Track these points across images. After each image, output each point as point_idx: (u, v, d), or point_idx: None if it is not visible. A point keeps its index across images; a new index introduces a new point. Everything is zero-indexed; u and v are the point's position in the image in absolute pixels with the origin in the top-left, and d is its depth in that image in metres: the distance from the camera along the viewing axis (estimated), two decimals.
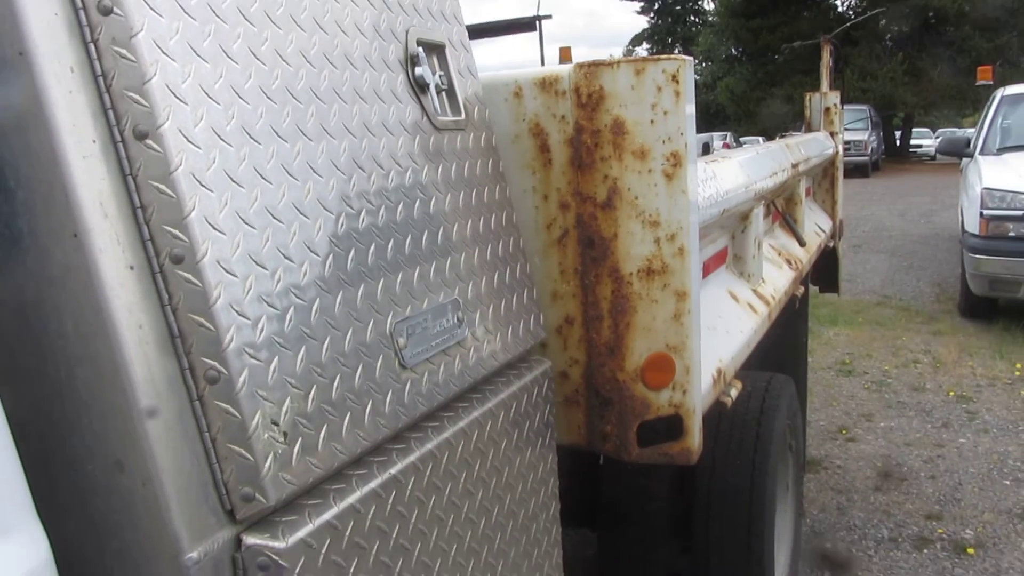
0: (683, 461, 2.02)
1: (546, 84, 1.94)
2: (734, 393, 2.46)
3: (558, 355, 2.02)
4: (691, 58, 1.93)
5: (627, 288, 1.94)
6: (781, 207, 3.89)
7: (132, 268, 1.01)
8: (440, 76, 1.64)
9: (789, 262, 3.63)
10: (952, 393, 6.21)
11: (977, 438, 5.37)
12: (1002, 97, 9.70)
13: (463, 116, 1.69)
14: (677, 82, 1.86)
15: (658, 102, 1.86)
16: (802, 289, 3.82)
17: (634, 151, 1.88)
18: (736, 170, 2.79)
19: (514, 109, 1.97)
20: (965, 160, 9.71)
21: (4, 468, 0.97)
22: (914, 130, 38.85)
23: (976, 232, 7.63)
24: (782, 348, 4.28)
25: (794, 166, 3.63)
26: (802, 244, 3.96)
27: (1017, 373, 6.58)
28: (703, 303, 2.08)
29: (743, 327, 2.70)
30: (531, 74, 1.96)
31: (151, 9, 1.04)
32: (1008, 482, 4.74)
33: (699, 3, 48.77)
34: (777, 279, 3.28)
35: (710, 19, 41.03)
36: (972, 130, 13.25)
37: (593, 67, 1.89)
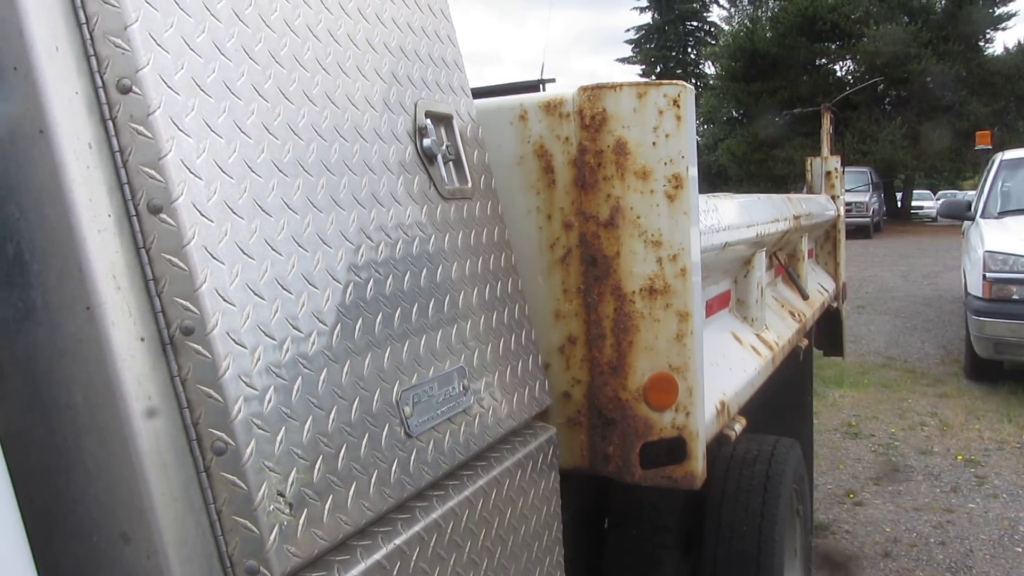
0: (687, 485, 2.00)
1: (551, 107, 1.99)
2: (738, 428, 2.45)
3: (560, 375, 2.03)
4: (691, 86, 1.97)
5: (629, 306, 1.95)
6: (784, 261, 3.92)
7: (143, 340, 1.02)
8: (447, 147, 1.67)
9: (792, 314, 3.64)
10: (960, 457, 6.14)
11: (987, 503, 5.30)
12: (1001, 161, 9.80)
13: (470, 185, 1.72)
14: (678, 106, 1.90)
15: (660, 125, 1.90)
16: (806, 342, 3.83)
17: (636, 171, 1.92)
18: (738, 208, 2.84)
19: (519, 132, 2.02)
20: (966, 223, 9.77)
21: (8, 538, 0.97)
22: (915, 192, 39.14)
23: (980, 295, 7.64)
24: (787, 410, 4.26)
25: (796, 217, 3.67)
26: (805, 297, 3.98)
27: None
28: (706, 341, 2.08)
29: (746, 367, 2.70)
30: (536, 98, 2.01)
31: (168, 87, 1.08)
32: (1020, 549, 4.66)
33: (700, 67, 49.66)
34: (780, 327, 3.30)
35: (711, 83, 41.69)
36: (972, 192, 13.36)
37: (596, 90, 1.94)
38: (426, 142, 1.59)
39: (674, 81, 1.94)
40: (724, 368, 2.51)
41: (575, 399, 2.03)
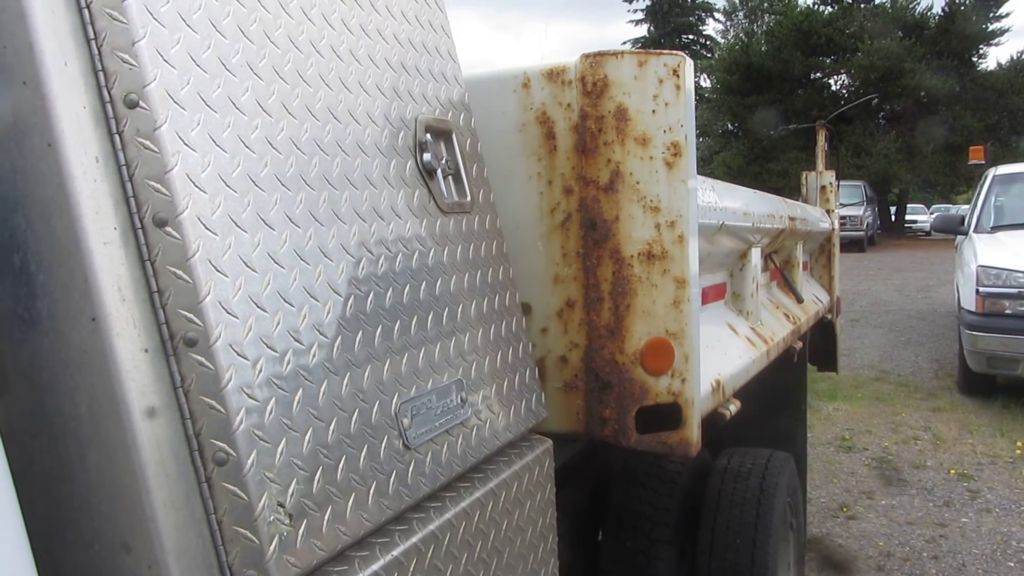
0: (682, 452, 2.02)
1: (553, 74, 2.02)
2: (733, 409, 2.47)
3: (558, 339, 2.05)
4: (690, 59, 2.01)
5: (628, 270, 1.98)
6: (779, 265, 3.95)
7: (146, 351, 1.04)
8: (447, 161, 1.69)
9: (787, 316, 3.68)
10: (953, 471, 6.16)
11: (980, 518, 5.31)
12: (994, 176, 9.87)
13: (469, 199, 1.74)
14: (678, 76, 1.94)
15: (659, 93, 1.94)
16: (800, 344, 3.86)
17: (636, 137, 1.95)
18: (735, 194, 2.89)
19: (522, 99, 2.05)
20: (960, 237, 9.83)
21: (11, 548, 0.98)
22: (909, 206, 39.30)
23: (973, 309, 7.68)
24: (781, 421, 4.28)
25: (791, 219, 3.70)
26: (800, 301, 4.01)
27: (1018, 451, 6.54)
28: (701, 326, 2.11)
29: (741, 354, 2.74)
30: (539, 66, 2.05)
31: (174, 102, 1.09)
32: (1012, 564, 4.67)
33: (696, 80, 49.87)
34: (775, 326, 3.33)
35: (706, 96, 41.84)
36: (966, 207, 13.42)
37: (598, 57, 1.98)
38: (426, 156, 1.61)
39: (674, 52, 1.98)
40: (719, 352, 2.54)
41: (572, 363, 2.05)
